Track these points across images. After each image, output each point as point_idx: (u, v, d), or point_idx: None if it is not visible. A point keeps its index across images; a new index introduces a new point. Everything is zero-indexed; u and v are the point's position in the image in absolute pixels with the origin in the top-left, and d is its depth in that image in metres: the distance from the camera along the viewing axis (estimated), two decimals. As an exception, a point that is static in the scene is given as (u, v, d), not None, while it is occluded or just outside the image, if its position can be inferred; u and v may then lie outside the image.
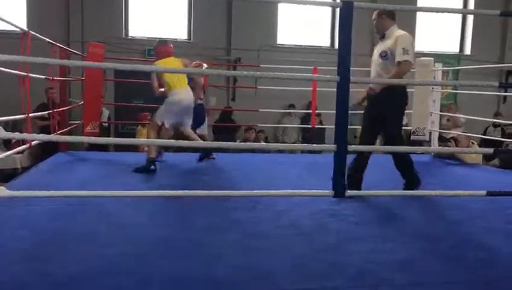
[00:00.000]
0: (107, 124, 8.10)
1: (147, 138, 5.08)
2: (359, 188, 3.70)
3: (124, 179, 4.37)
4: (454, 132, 6.79)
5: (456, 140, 6.32)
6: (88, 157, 5.72)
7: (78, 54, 6.56)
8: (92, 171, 4.78)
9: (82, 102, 6.07)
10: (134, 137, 8.03)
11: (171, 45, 5.12)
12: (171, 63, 4.84)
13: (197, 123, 5.32)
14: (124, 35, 9.51)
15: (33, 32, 4.33)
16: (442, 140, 6.57)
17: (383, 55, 3.85)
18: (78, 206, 3.19)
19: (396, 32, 3.86)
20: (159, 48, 5.07)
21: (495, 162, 6.74)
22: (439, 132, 6.62)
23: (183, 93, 4.88)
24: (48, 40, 4.95)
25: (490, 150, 2.96)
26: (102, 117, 7.34)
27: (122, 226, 2.90)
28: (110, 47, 8.00)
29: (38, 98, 6.38)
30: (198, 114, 5.31)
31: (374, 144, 4.02)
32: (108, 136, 8.19)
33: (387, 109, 3.83)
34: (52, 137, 4.37)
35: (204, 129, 5.69)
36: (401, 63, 3.73)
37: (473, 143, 6.31)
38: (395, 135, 3.87)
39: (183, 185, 3.94)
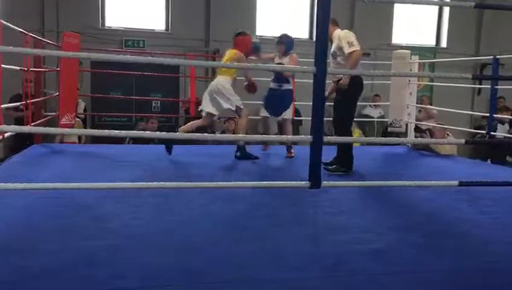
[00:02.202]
0: (83, 116, 7.98)
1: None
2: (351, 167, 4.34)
3: (101, 171, 4.32)
4: (428, 124, 6.89)
5: (431, 131, 6.42)
6: (64, 149, 5.64)
7: (53, 44, 6.42)
8: (67, 164, 4.71)
9: (57, 93, 5.97)
10: (117, 129, 7.93)
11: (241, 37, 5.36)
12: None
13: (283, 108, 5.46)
14: (100, 26, 9.35)
15: (4, 22, 4.22)
16: (418, 131, 6.67)
17: (334, 55, 4.47)
18: (53, 199, 3.14)
19: (338, 33, 4.47)
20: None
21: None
22: (416, 123, 6.72)
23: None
24: (19, 29, 4.84)
25: (462, 141, 3.02)
26: (78, 109, 7.24)
27: (97, 219, 2.87)
28: (86, 37, 7.86)
29: (13, 89, 6.24)
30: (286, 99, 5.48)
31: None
32: (85, 128, 8.06)
33: (342, 93, 4.40)
34: (26, 128, 4.28)
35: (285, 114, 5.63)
36: (351, 54, 4.30)
37: (448, 135, 6.42)
38: (342, 115, 4.44)
39: (162, 177, 3.91)
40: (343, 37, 4.38)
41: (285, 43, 5.48)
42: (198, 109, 5.37)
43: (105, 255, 2.30)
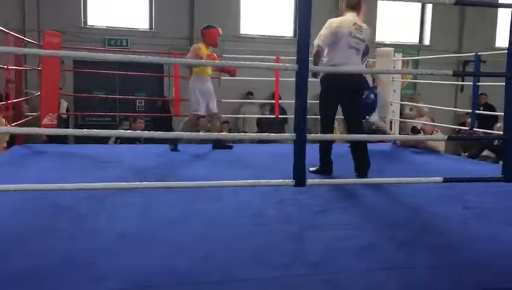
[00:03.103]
0: (65, 116, 7.88)
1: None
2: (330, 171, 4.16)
3: (83, 172, 4.26)
4: (419, 121, 6.94)
5: (423, 130, 6.47)
6: (46, 150, 5.55)
7: (34, 43, 6.33)
8: (49, 164, 4.64)
9: (39, 93, 5.88)
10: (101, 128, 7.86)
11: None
12: None
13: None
14: (82, 24, 9.25)
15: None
16: (415, 130, 6.71)
17: None
18: (35, 200, 3.09)
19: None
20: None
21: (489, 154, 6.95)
22: (410, 122, 6.76)
23: None
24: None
25: (444, 137, 3.03)
26: (61, 109, 7.14)
27: (79, 220, 2.83)
28: (68, 36, 7.77)
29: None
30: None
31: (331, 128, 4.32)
32: (67, 128, 7.97)
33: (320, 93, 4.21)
34: (3, 129, 4.21)
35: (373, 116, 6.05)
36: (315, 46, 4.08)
37: (437, 131, 6.46)
38: (320, 115, 4.24)
39: (146, 177, 3.87)
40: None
41: None
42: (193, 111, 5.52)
43: (86, 256, 2.26)
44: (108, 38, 9.22)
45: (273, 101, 7.52)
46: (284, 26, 10.33)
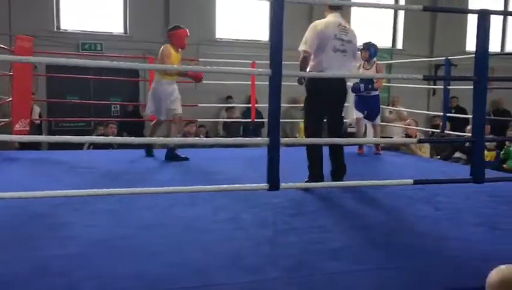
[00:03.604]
0: (38, 122, 7.75)
1: None
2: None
3: (56, 178, 4.20)
4: (400, 125, 7.06)
5: (407, 134, 6.61)
6: (18, 157, 5.45)
7: (4, 48, 6.21)
8: (21, 171, 4.56)
9: (10, 99, 5.77)
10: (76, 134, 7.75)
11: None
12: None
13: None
14: (55, 28, 9.11)
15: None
16: (407, 135, 6.85)
17: None
18: (6, 209, 3.03)
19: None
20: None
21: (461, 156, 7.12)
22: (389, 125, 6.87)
23: None
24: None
25: (414, 140, 3.10)
26: (33, 114, 7.02)
27: (52, 227, 2.79)
28: (40, 41, 7.64)
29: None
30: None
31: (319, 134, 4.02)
32: (40, 134, 7.84)
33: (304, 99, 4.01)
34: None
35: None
36: (301, 52, 3.85)
37: (421, 135, 6.60)
38: (305, 126, 4.03)
39: (120, 183, 3.84)
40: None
41: (370, 50, 5.74)
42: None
43: (60, 264, 2.23)
44: (82, 43, 9.10)
45: (249, 105, 7.55)
46: (259, 30, 10.37)
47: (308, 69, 3.91)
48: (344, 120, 4.47)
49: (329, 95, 3.90)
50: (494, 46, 11.14)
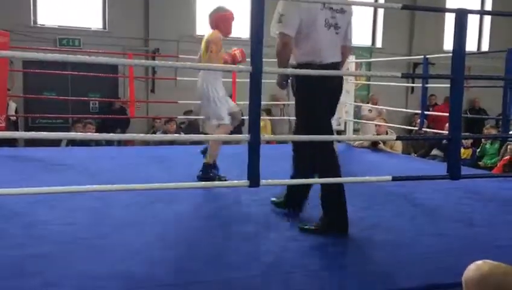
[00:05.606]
0: (15, 118, 7.60)
1: None
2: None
3: (32, 175, 4.13)
4: (373, 122, 7.13)
5: (377, 132, 6.65)
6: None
7: (-21, 42, 6.06)
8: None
9: (-15, 94, 5.63)
10: (53, 131, 7.61)
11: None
12: None
13: None
14: (32, 23, 8.93)
15: None
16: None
17: None
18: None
19: None
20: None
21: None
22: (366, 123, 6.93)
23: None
24: None
25: (393, 137, 3.13)
26: (9, 110, 6.88)
27: (28, 226, 2.74)
28: (16, 36, 7.46)
29: None
30: None
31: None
32: (17, 130, 7.68)
33: (296, 97, 2.88)
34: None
35: None
36: (277, 36, 2.71)
37: (391, 132, 6.65)
38: (301, 125, 2.92)
39: (98, 180, 3.79)
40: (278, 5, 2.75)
41: None
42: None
43: (36, 263, 2.20)
44: (60, 38, 8.94)
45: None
46: (241, 27, 10.35)
47: (295, 61, 2.78)
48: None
49: (335, 89, 2.92)
50: (471, 46, 11.38)
